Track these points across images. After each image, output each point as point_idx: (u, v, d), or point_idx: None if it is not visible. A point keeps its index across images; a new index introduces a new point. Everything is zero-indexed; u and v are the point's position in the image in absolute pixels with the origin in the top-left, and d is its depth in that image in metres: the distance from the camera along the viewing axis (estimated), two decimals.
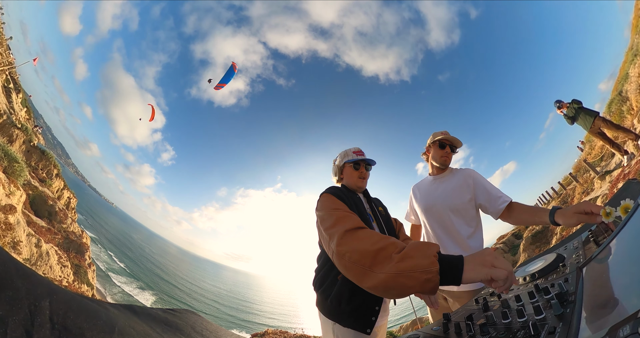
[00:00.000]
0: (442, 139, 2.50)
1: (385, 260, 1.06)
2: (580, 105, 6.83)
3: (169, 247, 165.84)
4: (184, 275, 61.03)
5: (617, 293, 0.54)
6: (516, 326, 0.66)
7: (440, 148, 2.51)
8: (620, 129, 6.63)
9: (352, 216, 1.42)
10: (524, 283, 1.12)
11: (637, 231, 0.68)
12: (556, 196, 15.61)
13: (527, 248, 11.73)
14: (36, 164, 17.24)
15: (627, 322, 0.37)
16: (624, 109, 11.40)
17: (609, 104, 13.48)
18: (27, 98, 22.42)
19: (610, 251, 0.76)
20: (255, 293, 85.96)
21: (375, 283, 1.07)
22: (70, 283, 10.81)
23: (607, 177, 8.42)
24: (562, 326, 0.56)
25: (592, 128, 6.68)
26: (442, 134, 2.55)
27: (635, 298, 0.47)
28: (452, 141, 2.50)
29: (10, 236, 8.21)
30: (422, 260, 0.99)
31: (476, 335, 0.70)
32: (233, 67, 13.41)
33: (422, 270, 0.97)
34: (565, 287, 0.76)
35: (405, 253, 1.04)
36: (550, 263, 1.10)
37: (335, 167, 2.19)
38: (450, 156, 2.52)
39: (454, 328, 0.81)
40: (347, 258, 1.16)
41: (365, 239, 1.19)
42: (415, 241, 1.10)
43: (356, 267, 1.12)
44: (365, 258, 1.11)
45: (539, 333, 0.57)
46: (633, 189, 1.26)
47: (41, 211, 13.87)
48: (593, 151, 13.33)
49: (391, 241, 1.13)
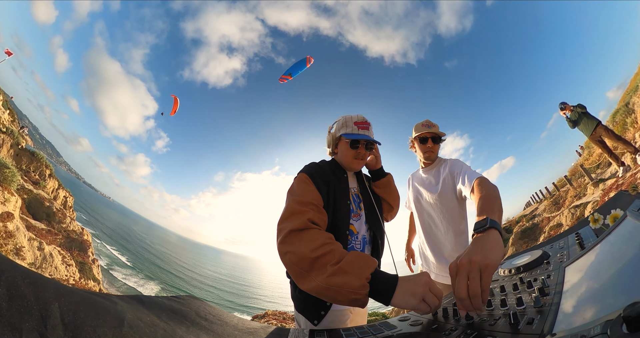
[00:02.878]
0: (421, 134, 2.30)
1: (320, 269, 1.01)
2: (585, 110, 6.50)
3: (169, 236, 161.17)
4: (184, 263, 58.88)
5: (594, 295, 0.55)
6: (498, 314, 0.68)
7: (422, 143, 2.32)
8: (621, 140, 6.34)
9: (306, 212, 1.25)
10: (509, 275, 1.13)
11: (621, 241, 0.69)
12: (549, 196, 15.28)
13: (516, 243, 11.64)
14: (27, 167, 15.77)
15: (598, 323, 0.38)
16: (628, 121, 10.82)
17: (614, 113, 12.89)
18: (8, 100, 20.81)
19: (593, 255, 0.76)
20: (255, 276, 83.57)
21: (309, 287, 1.03)
22: (77, 281, 10.51)
23: (600, 185, 8.18)
24: (540, 318, 0.57)
25: (592, 134, 6.41)
26: (423, 126, 2.32)
27: (609, 301, 0.49)
28: (433, 134, 2.29)
29: (12, 243, 7.88)
30: (354, 279, 0.95)
31: (461, 319, 0.72)
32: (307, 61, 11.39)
33: (351, 290, 0.94)
34: (547, 283, 0.77)
35: (340, 268, 0.98)
36: (535, 259, 1.11)
37: (330, 137, 1.74)
38: (434, 149, 2.32)
39: (442, 313, 0.83)
40: (287, 258, 1.11)
41: (307, 243, 1.10)
42: (355, 254, 1.04)
43: (295, 268, 1.08)
44: (303, 262, 1.05)
45: (518, 323, 0.58)
46: (624, 200, 1.24)
47: (39, 213, 13.00)
48: (591, 157, 12.91)
49: (330, 248, 1.05)
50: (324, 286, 0.97)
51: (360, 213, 1.65)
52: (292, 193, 1.40)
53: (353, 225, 1.58)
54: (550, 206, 12.83)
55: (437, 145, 2.32)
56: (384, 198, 1.83)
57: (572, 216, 8.56)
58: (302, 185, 1.44)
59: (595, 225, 1.11)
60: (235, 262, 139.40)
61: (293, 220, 1.20)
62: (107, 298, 0.65)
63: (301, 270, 1.05)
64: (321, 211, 1.33)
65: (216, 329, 0.84)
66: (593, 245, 0.81)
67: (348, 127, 1.63)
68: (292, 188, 1.46)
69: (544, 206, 13.94)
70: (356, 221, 1.62)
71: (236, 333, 0.88)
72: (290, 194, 1.40)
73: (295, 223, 1.18)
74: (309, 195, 1.37)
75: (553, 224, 9.64)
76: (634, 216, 0.70)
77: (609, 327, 0.35)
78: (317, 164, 1.62)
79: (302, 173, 1.52)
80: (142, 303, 0.76)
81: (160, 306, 0.82)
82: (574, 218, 8.38)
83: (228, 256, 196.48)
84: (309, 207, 1.28)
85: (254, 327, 1.00)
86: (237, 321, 1.03)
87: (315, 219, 1.23)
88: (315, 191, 1.40)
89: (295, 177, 1.54)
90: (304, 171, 1.53)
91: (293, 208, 1.27)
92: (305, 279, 1.04)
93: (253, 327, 1.00)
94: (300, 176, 1.50)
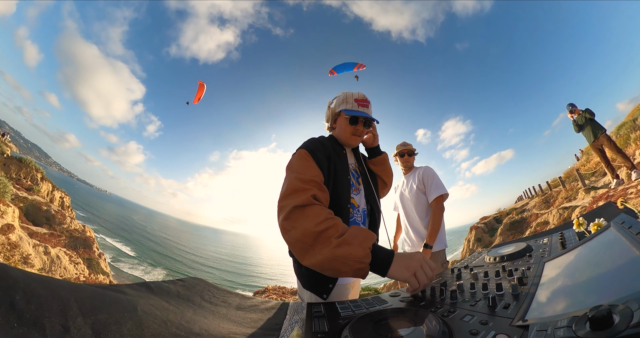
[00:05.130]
0: (401, 151, 3.21)
1: (324, 242, 0.99)
2: (592, 117, 6.12)
3: (169, 221, 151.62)
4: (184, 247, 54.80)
5: (566, 292, 0.58)
6: (479, 296, 0.71)
7: (401, 157, 3.21)
8: (621, 153, 6.04)
9: (309, 189, 1.19)
10: (493, 263, 1.16)
11: (599, 248, 0.71)
12: (541, 194, 15.06)
13: (504, 233, 11.69)
14: (17, 174, 14.51)
15: (566, 317, 0.41)
16: (632, 136, 10.26)
17: (620, 126, 12.25)
18: None
19: (572, 256, 0.78)
20: (254, 253, 77.80)
21: (313, 262, 1.01)
22: (88, 277, 10.13)
23: (592, 192, 8.02)
24: (516, 304, 0.60)
25: (594, 142, 6.12)
26: (401, 145, 3.23)
27: (579, 300, 0.52)
28: (408, 150, 3.18)
29: (19, 253, 7.44)
30: (358, 249, 0.95)
31: (446, 298, 0.75)
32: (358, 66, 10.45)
33: (356, 260, 0.94)
34: (526, 274, 0.79)
35: (344, 239, 0.98)
36: (519, 250, 1.13)
37: (329, 112, 1.68)
38: (409, 160, 3.20)
39: (430, 291, 0.86)
40: (290, 235, 1.07)
41: (311, 217, 1.07)
42: (356, 228, 1.04)
43: (298, 244, 1.04)
44: (307, 237, 1.02)
45: (495, 306, 0.61)
46: (610, 211, 1.24)
47: (38, 219, 12.28)
48: (588, 164, 12.51)
49: (334, 223, 1.04)
50: (330, 257, 0.97)
51: (359, 188, 1.63)
52: (293, 170, 1.32)
53: (354, 198, 1.56)
54: (541, 204, 12.70)
55: (411, 157, 3.21)
56: (378, 175, 1.83)
57: (560, 216, 8.49)
58: (302, 161, 1.36)
59: (579, 229, 1.12)
60: (235, 241, 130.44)
61: (296, 197, 1.15)
62: (117, 289, 0.66)
63: (305, 245, 1.02)
64: (322, 188, 1.27)
65: (220, 311, 0.86)
66: (574, 246, 0.82)
67: (348, 103, 1.57)
68: (291, 164, 1.38)
69: (534, 202, 13.80)
70: (356, 195, 1.60)
71: (239, 313, 0.89)
72: (291, 171, 1.32)
73: (298, 199, 1.13)
74: (310, 172, 1.30)
75: (540, 220, 9.60)
76: (617, 229, 0.71)
77: (575, 322, 0.38)
78: (317, 140, 1.53)
79: (302, 148, 1.43)
80: (150, 289, 0.77)
81: (168, 290, 0.82)
82: (561, 218, 8.32)
83: (228, 236, 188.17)
84: (311, 184, 1.23)
85: (255, 304, 1.01)
86: (240, 299, 1.03)
87: (318, 196, 1.19)
88: (316, 168, 1.33)
89: (294, 153, 1.45)
90: (303, 147, 1.44)
91: (295, 186, 1.21)
92: (309, 254, 1.02)
93: (254, 304, 1.01)
94: (300, 152, 1.41)
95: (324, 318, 0.73)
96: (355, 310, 0.81)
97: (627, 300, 0.36)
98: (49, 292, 0.47)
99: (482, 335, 0.50)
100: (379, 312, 0.70)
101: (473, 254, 1.50)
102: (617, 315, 0.35)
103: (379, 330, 0.59)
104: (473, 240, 13.67)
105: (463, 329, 0.54)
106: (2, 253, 6.87)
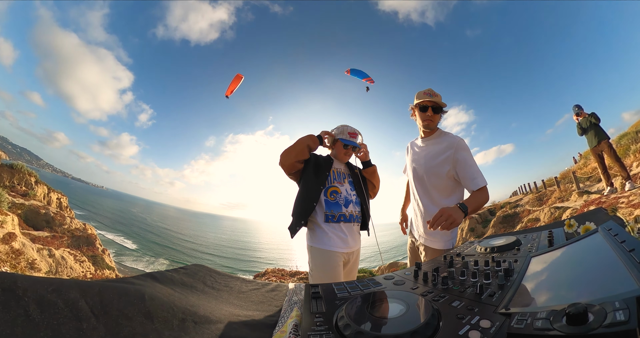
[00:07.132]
0: (422, 103, 2.02)
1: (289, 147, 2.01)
2: (598, 122, 5.83)
3: (168, 210, 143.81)
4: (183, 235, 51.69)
5: (548, 287, 0.60)
6: (468, 284, 0.73)
7: (422, 111, 2.04)
8: (619, 162, 5.78)
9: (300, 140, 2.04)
10: (484, 253, 1.16)
11: (585, 250, 0.71)
12: (535, 191, 14.79)
13: (496, 225, 11.63)
14: (10, 182, 13.46)
15: (545, 309, 0.43)
16: (632, 148, 9.77)
17: (622, 135, 11.57)
18: None
19: (558, 253, 0.78)
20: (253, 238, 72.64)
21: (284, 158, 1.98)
22: (94, 274, 9.75)
23: (584, 196, 7.84)
24: (500, 293, 0.62)
25: (595, 147, 5.85)
26: (424, 94, 2.03)
27: (559, 295, 0.53)
28: (434, 103, 2.00)
29: (24, 259, 7.14)
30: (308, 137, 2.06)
31: (438, 283, 0.76)
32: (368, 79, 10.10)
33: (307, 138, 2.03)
34: (513, 266, 0.80)
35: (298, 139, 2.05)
36: (508, 243, 1.12)
37: (331, 138, 2.29)
38: (434, 118, 2.03)
39: (422, 276, 0.87)
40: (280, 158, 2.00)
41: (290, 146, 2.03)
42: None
43: (281, 159, 1.99)
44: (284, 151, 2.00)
45: (482, 293, 0.63)
46: (599, 217, 1.23)
47: (39, 223, 11.64)
48: (585, 168, 12.13)
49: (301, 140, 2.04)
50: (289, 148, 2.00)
51: (344, 182, 2.16)
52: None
53: (337, 187, 2.08)
54: (534, 201, 12.51)
55: (437, 115, 2.04)
56: (369, 179, 2.31)
57: (551, 215, 8.38)
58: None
59: (568, 229, 1.12)
60: (234, 226, 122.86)
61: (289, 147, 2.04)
62: (124, 281, 0.67)
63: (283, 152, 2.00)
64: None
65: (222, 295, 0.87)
66: (561, 245, 0.83)
67: (344, 135, 2.22)
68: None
69: (528, 198, 13.60)
70: (341, 186, 2.10)
71: (240, 296, 0.90)
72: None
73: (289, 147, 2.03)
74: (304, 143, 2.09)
75: (532, 217, 9.50)
76: (603, 234, 0.71)
77: (553, 316, 0.40)
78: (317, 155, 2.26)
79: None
80: (156, 278, 0.78)
81: (172, 278, 0.82)
82: (552, 217, 8.21)
83: (226, 221, 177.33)
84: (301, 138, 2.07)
85: (255, 287, 1.02)
86: (241, 282, 1.04)
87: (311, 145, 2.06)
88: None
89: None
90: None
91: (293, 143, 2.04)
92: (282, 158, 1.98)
93: (255, 287, 1.02)
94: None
95: (322, 299, 0.73)
96: (351, 291, 0.81)
97: (603, 302, 0.38)
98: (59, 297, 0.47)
99: (468, 320, 0.52)
100: (373, 294, 0.72)
101: (466, 243, 1.51)
102: (592, 314, 0.36)
103: (372, 311, 0.61)
104: (467, 229, 13.65)
105: (451, 313, 0.56)
106: (8, 261, 6.65)
